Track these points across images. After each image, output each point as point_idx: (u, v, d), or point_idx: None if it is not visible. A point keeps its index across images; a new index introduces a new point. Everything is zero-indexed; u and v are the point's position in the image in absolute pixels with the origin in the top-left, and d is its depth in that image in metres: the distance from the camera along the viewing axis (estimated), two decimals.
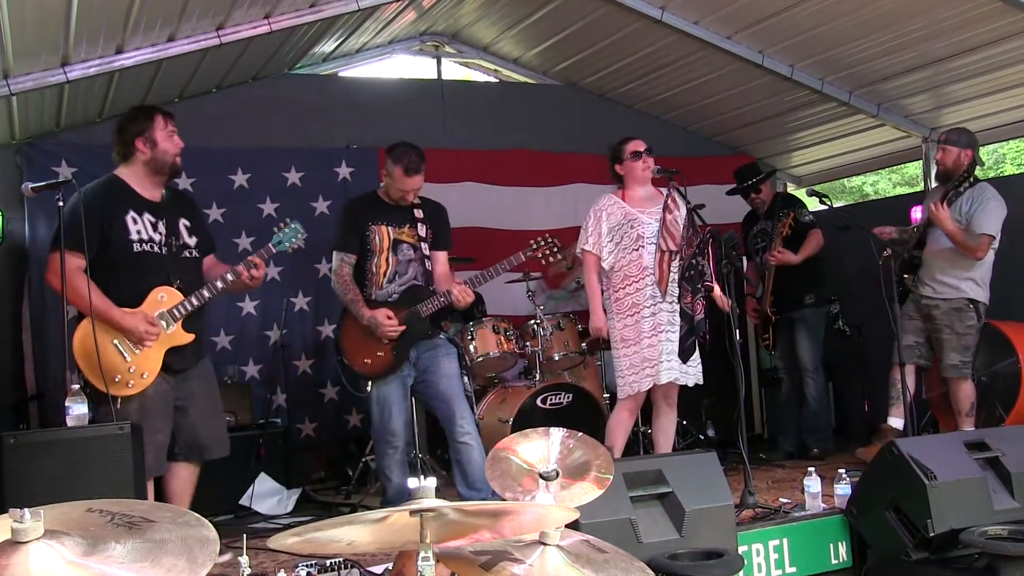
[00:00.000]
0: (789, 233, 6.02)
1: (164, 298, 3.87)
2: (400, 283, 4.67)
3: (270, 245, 4.14)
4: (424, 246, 4.70)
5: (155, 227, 3.92)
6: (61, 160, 5.83)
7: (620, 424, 4.81)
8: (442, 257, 4.81)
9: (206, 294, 3.96)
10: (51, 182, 4.04)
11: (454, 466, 4.64)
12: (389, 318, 4.53)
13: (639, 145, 4.85)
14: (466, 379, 4.77)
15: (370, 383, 4.67)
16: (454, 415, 4.58)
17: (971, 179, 5.23)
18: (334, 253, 4.71)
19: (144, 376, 3.80)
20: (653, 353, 4.65)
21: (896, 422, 5.28)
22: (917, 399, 5.43)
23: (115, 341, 3.75)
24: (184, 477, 4.04)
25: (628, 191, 4.85)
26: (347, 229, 4.69)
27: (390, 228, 4.66)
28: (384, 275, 4.65)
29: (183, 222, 4.05)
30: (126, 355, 3.77)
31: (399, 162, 4.54)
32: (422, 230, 4.71)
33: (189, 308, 3.89)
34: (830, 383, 6.83)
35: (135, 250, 3.84)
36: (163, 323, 3.83)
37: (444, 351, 4.68)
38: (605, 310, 4.81)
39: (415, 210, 4.71)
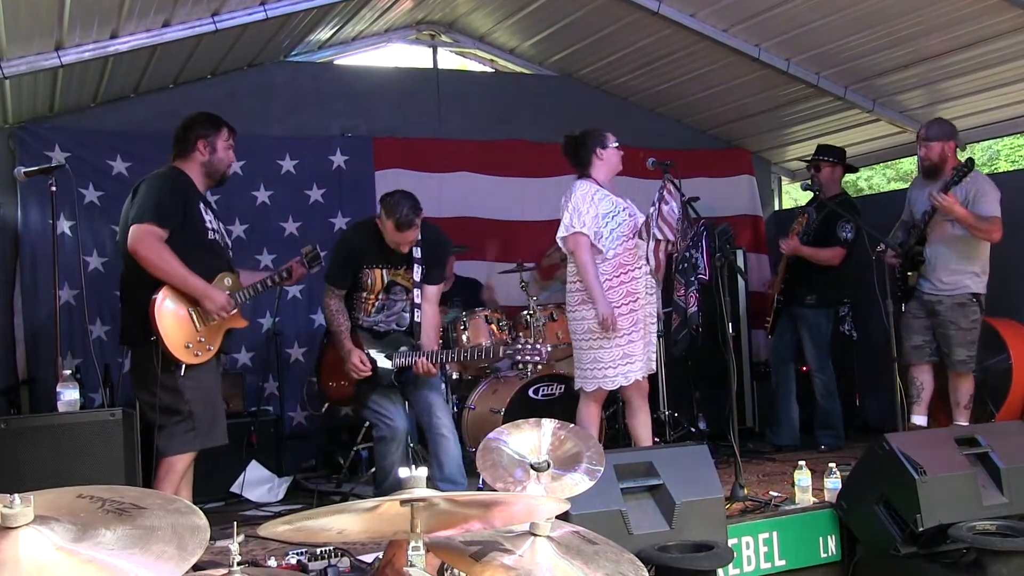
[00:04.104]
0: (801, 232, 6.02)
1: (229, 283, 4.07)
2: (388, 314, 4.73)
3: None
4: (416, 292, 4.70)
5: (215, 219, 4.15)
6: (54, 145, 5.79)
7: (593, 418, 4.72)
8: (431, 293, 4.77)
9: (259, 287, 4.21)
10: (44, 167, 4.06)
11: (431, 458, 4.70)
12: (362, 362, 4.57)
13: (615, 136, 4.82)
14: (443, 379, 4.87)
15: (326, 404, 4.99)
16: (431, 407, 4.68)
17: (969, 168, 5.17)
18: (325, 281, 4.72)
19: (210, 349, 3.96)
20: (645, 344, 4.62)
21: (919, 420, 5.36)
22: (935, 395, 5.45)
23: (190, 309, 3.89)
24: (188, 464, 4.07)
25: (600, 179, 4.73)
26: (341, 265, 4.67)
27: (385, 271, 4.66)
28: (373, 306, 4.71)
29: (221, 223, 4.25)
30: (198, 324, 3.91)
31: (390, 216, 4.46)
32: (418, 273, 4.68)
33: (250, 295, 4.14)
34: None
35: (209, 237, 4.05)
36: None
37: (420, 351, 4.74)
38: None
39: (415, 249, 4.65)
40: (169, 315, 3.82)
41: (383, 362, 4.65)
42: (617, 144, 4.78)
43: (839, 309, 6.39)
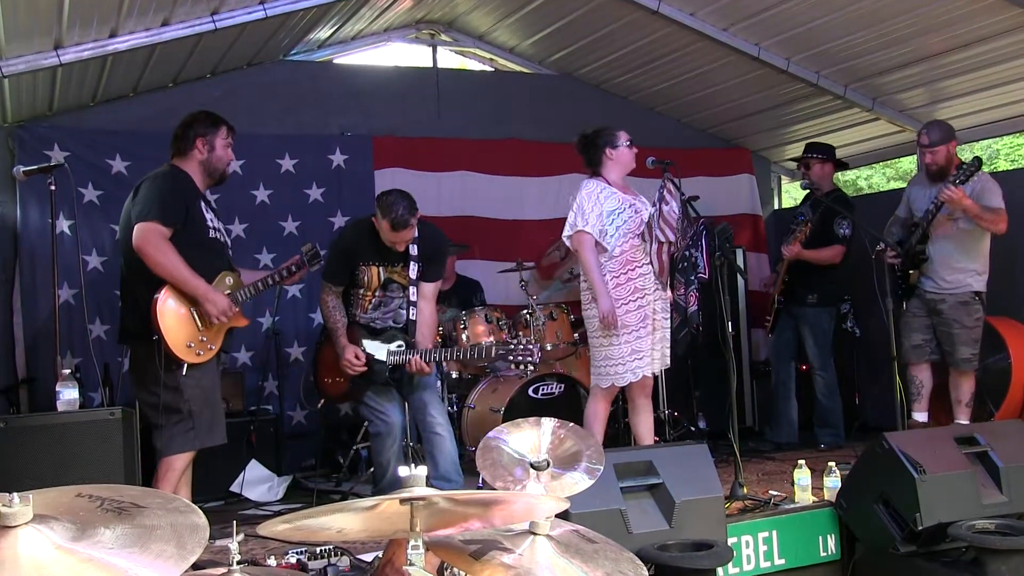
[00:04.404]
0: (805, 239, 5.99)
1: (230, 282, 4.07)
2: (384, 311, 4.75)
3: None
4: (412, 290, 4.69)
5: (216, 218, 4.15)
6: (54, 144, 5.79)
7: (599, 416, 4.74)
8: (428, 290, 4.76)
9: (260, 286, 4.21)
10: (43, 166, 4.07)
11: (427, 457, 4.73)
12: (357, 357, 4.59)
13: (628, 134, 4.83)
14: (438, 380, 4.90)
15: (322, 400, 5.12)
16: (426, 406, 4.71)
17: (977, 166, 5.10)
18: (323, 280, 4.73)
19: (211, 348, 3.97)
20: (655, 340, 4.64)
21: (920, 416, 5.39)
22: (934, 392, 5.47)
23: (191, 309, 3.89)
24: (188, 463, 4.06)
25: (612, 178, 4.75)
26: (338, 264, 4.68)
27: (382, 268, 4.67)
28: (370, 302, 4.73)
29: (221, 222, 4.26)
30: (199, 324, 3.91)
31: (386, 216, 4.46)
32: (414, 271, 4.67)
33: (251, 294, 4.15)
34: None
35: (210, 235, 4.06)
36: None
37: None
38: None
39: (412, 246, 4.64)
40: (171, 314, 3.81)
41: (380, 354, 4.65)
42: (630, 142, 4.79)
43: (840, 307, 6.40)
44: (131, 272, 3.94)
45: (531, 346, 4.64)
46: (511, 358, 4.63)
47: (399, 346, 4.66)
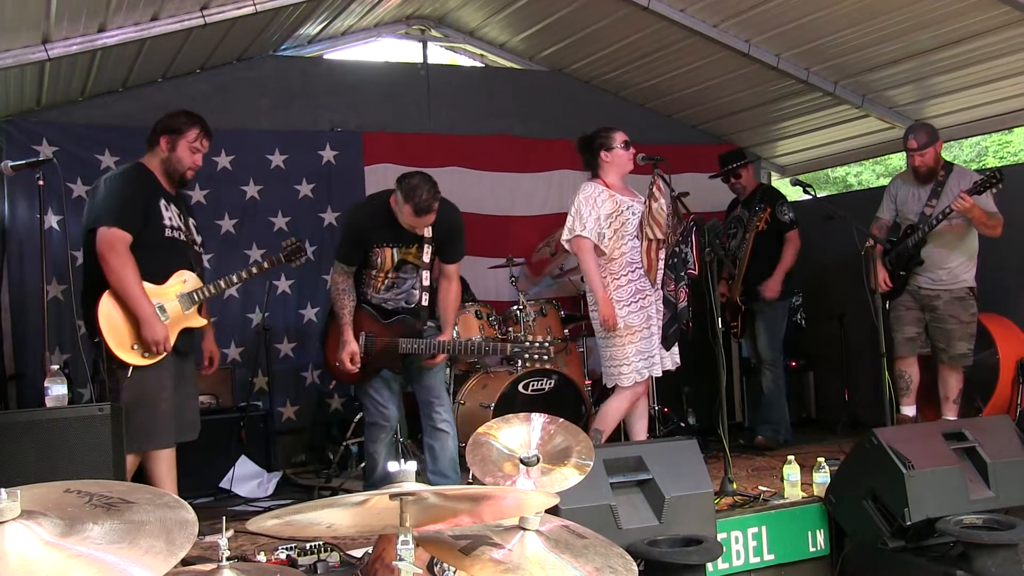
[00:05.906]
0: (764, 228, 6.02)
1: (186, 281, 4.02)
2: (397, 292, 4.65)
3: None
4: (425, 274, 4.61)
5: (178, 217, 4.08)
6: (42, 139, 5.77)
7: (617, 412, 4.78)
8: (452, 271, 4.67)
9: (222, 284, 4.18)
10: (31, 160, 4.04)
11: (426, 450, 4.71)
12: (352, 361, 4.53)
13: (625, 135, 4.83)
14: (447, 370, 4.83)
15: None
16: (433, 402, 4.67)
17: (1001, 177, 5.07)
18: (336, 260, 4.64)
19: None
20: (659, 340, 4.67)
21: (908, 410, 5.42)
22: (921, 387, 5.51)
23: None
24: (169, 460, 4.04)
25: (610, 180, 4.78)
26: (352, 244, 4.58)
27: (395, 249, 4.56)
28: (382, 283, 4.63)
29: (191, 221, 4.20)
30: None
31: (409, 200, 4.31)
32: (427, 253, 4.57)
33: (208, 294, 4.10)
34: (811, 373, 6.90)
35: (167, 235, 3.99)
36: (182, 305, 4.00)
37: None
38: None
39: (427, 228, 4.54)
40: (115, 316, 3.77)
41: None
42: (626, 143, 4.79)
43: (792, 300, 6.45)
44: (89, 272, 3.89)
45: (547, 344, 4.60)
46: (525, 356, 4.55)
47: (411, 336, 4.58)
